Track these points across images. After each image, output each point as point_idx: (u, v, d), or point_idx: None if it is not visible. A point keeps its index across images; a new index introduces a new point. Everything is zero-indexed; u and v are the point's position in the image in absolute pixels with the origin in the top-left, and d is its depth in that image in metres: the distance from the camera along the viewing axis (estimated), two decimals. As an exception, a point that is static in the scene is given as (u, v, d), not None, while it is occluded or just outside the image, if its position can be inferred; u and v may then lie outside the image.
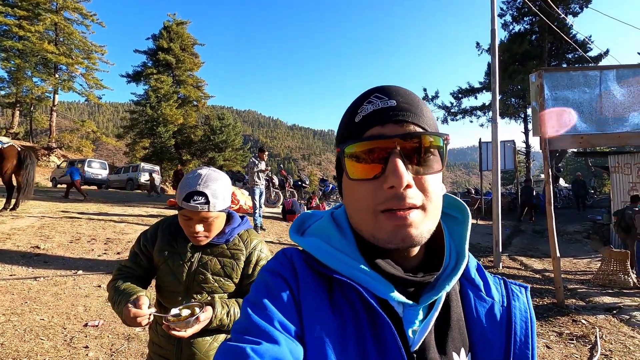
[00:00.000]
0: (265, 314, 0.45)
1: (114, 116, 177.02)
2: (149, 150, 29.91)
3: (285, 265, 0.50)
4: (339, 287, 0.48)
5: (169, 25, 30.95)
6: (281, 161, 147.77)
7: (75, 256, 4.94)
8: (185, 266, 1.25)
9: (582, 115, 5.01)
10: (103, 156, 49.22)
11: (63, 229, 6.04)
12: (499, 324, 0.51)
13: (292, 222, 8.69)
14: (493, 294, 0.53)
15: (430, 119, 0.49)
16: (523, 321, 0.51)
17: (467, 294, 0.53)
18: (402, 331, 0.46)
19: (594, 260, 7.95)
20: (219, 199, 1.21)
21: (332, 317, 0.46)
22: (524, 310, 0.53)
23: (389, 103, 0.47)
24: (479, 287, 0.54)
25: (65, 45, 27.91)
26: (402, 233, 0.44)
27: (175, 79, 31.01)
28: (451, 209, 0.57)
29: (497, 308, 0.52)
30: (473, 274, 0.54)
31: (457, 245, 0.54)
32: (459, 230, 0.55)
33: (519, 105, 17.45)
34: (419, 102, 0.49)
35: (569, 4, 15.16)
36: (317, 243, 0.51)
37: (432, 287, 0.49)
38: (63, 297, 3.69)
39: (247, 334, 0.43)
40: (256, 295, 0.48)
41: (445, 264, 0.51)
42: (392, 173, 0.43)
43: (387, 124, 0.46)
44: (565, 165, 39.23)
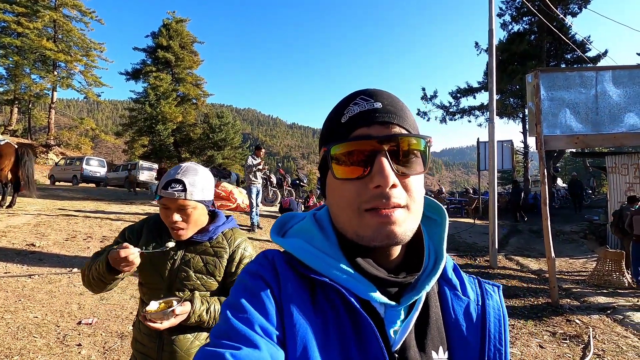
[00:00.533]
0: (245, 318, 0.44)
1: (113, 114, 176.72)
2: (147, 148, 29.84)
3: (266, 267, 0.50)
4: (321, 288, 0.48)
5: (169, 23, 30.85)
6: (280, 160, 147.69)
7: (71, 254, 4.94)
8: (168, 263, 1.26)
9: (578, 115, 5.03)
10: (102, 154, 49.18)
11: (59, 227, 6.03)
12: (474, 322, 0.52)
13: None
14: (469, 293, 0.55)
15: (413, 122, 0.51)
16: (496, 319, 0.53)
17: (445, 294, 0.54)
18: (383, 331, 0.47)
19: (590, 260, 7.97)
20: (197, 188, 1.22)
21: (315, 319, 0.46)
22: (497, 308, 0.54)
23: (374, 105, 0.48)
24: (455, 286, 0.55)
25: (64, 43, 27.81)
26: (387, 230, 0.45)
27: (174, 76, 30.94)
28: (430, 211, 0.58)
29: (472, 307, 0.53)
30: (450, 274, 0.56)
31: (436, 247, 0.55)
32: (437, 232, 0.56)
33: (517, 105, 17.45)
34: (402, 105, 0.51)
35: (567, 5, 15.15)
36: (299, 244, 0.52)
37: (413, 288, 0.50)
38: (57, 295, 3.69)
39: (226, 338, 0.42)
40: (236, 297, 0.47)
41: (425, 265, 0.52)
42: (378, 173, 0.44)
43: (373, 125, 0.47)
44: (564, 165, 39.27)
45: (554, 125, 5.06)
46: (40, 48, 25.28)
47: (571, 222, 11.95)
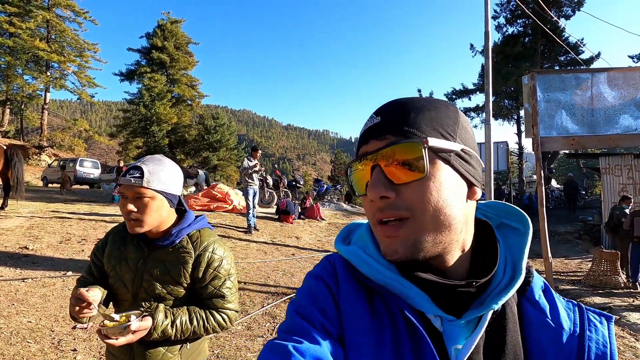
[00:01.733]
0: (307, 316, 0.47)
1: (106, 115, 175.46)
2: (142, 150, 29.62)
3: (328, 271, 0.53)
4: (379, 295, 0.49)
5: (163, 23, 30.70)
6: (276, 161, 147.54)
7: (65, 257, 4.87)
8: (131, 272, 1.20)
9: (573, 117, 5.06)
10: (95, 155, 48.76)
11: (53, 229, 5.95)
12: (565, 353, 0.46)
13: (285, 222, 8.59)
14: (562, 320, 0.48)
15: (423, 123, 0.46)
16: (598, 355, 0.46)
17: (529, 317, 0.48)
18: (442, 347, 0.44)
19: (585, 260, 8.04)
20: (156, 177, 1.14)
21: (371, 323, 0.46)
22: (602, 344, 0.47)
23: (374, 121, 0.48)
24: (543, 310, 0.48)
25: (57, 43, 27.55)
26: (394, 245, 0.45)
27: (169, 77, 30.78)
28: (509, 218, 0.54)
29: (565, 337, 0.47)
30: (537, 296, 0.50)
31: (514, 259, 0.50)
32: (517, 243, 0.51)
33: (512, 107, 17.60)
34: (407, 109, 0.47)
35: (561, 7, 15.33)
36: (354, 251, 0.53)
37: (480, 304, 0.46)
38: (52, 299, 3.63)
39: (290, 333, 0.45)
40: (300, 298, 0.51)
41: (498, 279, 0.47)
42: (369, 188, 0.45)
43: (370, 140, 0.48)
44: (558, 166, 39.67)
45: (550, 126, 5.08)
46: (32, 48, 25.01)
47: (566, 222, 12.05)
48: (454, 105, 0.52)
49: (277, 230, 8.07)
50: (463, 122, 0.50)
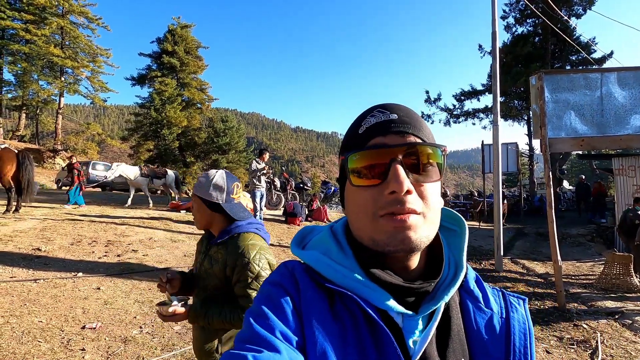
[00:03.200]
0: (267, 324, 0.46)
1: (119, 119, 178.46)
2: (153, 153, 30.06)
3: (287, 277, 0.52)
4: (340, 297, 0.49)
5: (174, 28, 31.16)
6: (284, 163, 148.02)
7: (76, 258, 4.98)
8: (199, 263, 1.46)
9: (583, 117, 4.98)
10: (108, 158, 49.62)
11: (65, 231, 6.09)
12: (498, 335, 0.52)
13: (292, 224, 8.62)
14: (492, 305, 0.54)
15: (429, 134, 0.53)
16: (522, 332, 0.52)
17: (467, 306, 0.54)
18: (402, 341, 0.47)
19: (597, 263, 7.86)
20: (197, 184, 1.46)
21: (333, 327, 0.47)
22: (523, 321, 0.54)
23: (390, 116, 0.50)
24: (478, 298, 0.55)
25: (71, 49, 28.20)
26: (402, 235, 0.46)
27: (179, 81, 31.19)
28: (449, 221, 0.60)
29: (496, 319, 0.53)
30: (472, 286, 0.55)
31: (456, 257, 0.55)
32: (457, 242, 0.57)
33: (522, 108, 17.37)
34: (418, 117, 0.53)
35: (572, 6, 15.08)
36: (316, 256, 0.53)
37: (432, 298, 0.50)
38: (62, 300, 3.72)
39: (249, 343, 0.44)
40: (258, 305, 0.49)
41: (444, 275, 0.52)
42: (393, 179, 0.46)
43: (389, 134, 0.49)
44: (570, 167, 38.89)
45: (558, 127, 5.01)
46: (47, 54, 25.64)
47: (578, 224, 11.82)
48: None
49: (284, 232, 8.11)
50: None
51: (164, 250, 5.75)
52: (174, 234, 6.77)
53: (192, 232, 7.14)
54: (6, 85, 27.38)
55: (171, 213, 9.16)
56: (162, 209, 10.12)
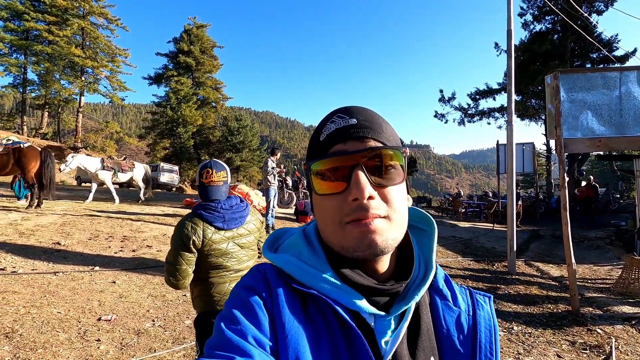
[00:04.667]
0: (238, 329, 0.45)
1: (136, 117, 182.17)
2: (169, 151, 30.67)
3: (259, 280, 0.52)
4: (312, 301, 0.50)
5: (190, 28, 31.67)
6: (298, 162, 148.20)
7: (93, 253, 5.15)
8: None
9: (600, 117, 4.85)
10: (126, 156, 50.80)
11: (83, 227, 6.29)
12: (465, 332, 0.53)
13: (303, 222, 8.70)
14: (460, 303, 0.56)
15: (391, 135, 0.52)
16: (487, 329, 0.54)
17: (436, 304, 0.55)
18: (374, 342, 0.48)
19: (615, 267, 7.64)
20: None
21: (306, 330, 0.47)
22: (488, 318, 0.55)
23: (350, 121, 0.50)
24: (446, 297, 0.56)
25: (91, 49, 29.01)
26: (368, 239, 0.46)
27: (194, 80, 31.70)
28: (419, 221, 0.61)
29: (463, 317, 0.54)
30: (441, 285, 0.56)
31: (426, 257, 0.56)
32: (427, 242, 0.57)
33: (539, 107, 16.95)
34: (379, 119, 0.52)
35: (593, 3, 14.62)
36: (288, 259, 0.53)
37: (403, 298, 0.51)
38: (79, 292, 3.86)
39: (220, 349, 0.43)
40: (229, 309, 0.48)
41: (415, 275, 0.53)
42: (354, 186, 0.46)
43: (349, 140, 0.49)
44: (590, 169, 37.76)
45: (574, 127, 4.90)
46: (69, 55, 26.46)
47: (596, 227, 11.49)
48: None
49: (295, 230, 8.15)
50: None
51: (177, 247, 5.89)
52: (187, 231, 6.92)
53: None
54: (30, 84, 28.40)
55: (185, 210, 9.34)
56: (177, 206, 10.33)
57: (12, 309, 3.31)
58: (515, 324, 4.13)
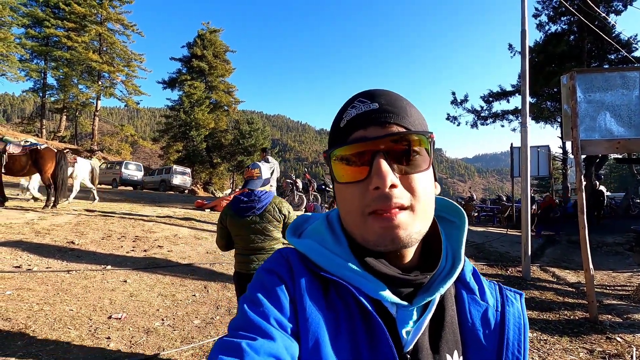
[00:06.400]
0: (261, 311, 0.46)
1: (150, 121, 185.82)
2: (182, 153, 31.14)
3: (282, 264, 0.52)
4: (334, 287, 0.49)
5: (203, 33, 32.21)
6: (309, 165, 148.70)
7: (106, 252, 5.23)
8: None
9: (619, 118, 4.70)
10: (140, 158, 51.78)
11: (97, 226, 6.41)
12: (492, 328, 0.51)
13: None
14: (487, 298, 0.54)
15: (417, 119, 0.49)
16: (516, 327, 0.52)
17: (462, 298, 0.53)
18: (395, 331, 0.47)
19: (635, 274, 7.38)
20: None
21: (327, 315, 0.47)
22: (518, 316, 0.53)
23: (371, 106, 0.48)
24: (473, 291, 0.54)
25: (107, 54, 29.79)
26: (391, 235, 0.45)
27: (207, 84, 32.17)
28: (449, 212, 0.58)
29: (491, 312, 0.53)
30: (468, 278, 0.55)
31: (454, 249, 0.54)
32: (456, 234, 0.55)
33: (554, 109, 16.59)
34: (402, 102, 0.49)
35: (610, 2, 14.27)
36: (311, 244, 0.53)
37: (427, 289, 0.49)
38: (91, 290, 3.91)
39: (243, 330, 0.44)
40: (253, 292, 0.49)
41: (441, 267, 0.51)
42: (376, 174, 0.44)
43: (370, 126, 0.47)
44: (609, 172, 36.74)
45: (592, 128, 4.76)
46: (87, 60, 27.19)
47: (615, 232, 11.13)
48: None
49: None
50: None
51: (187, 247, 5.94)
52: (197, 232, 6.97)
53: (214, 230, 7.28)
54: (49, 89, 29.29)
55: (196, 212, 9.43)
56: (188, 207, 10.44)
57: (26, 306, 3.37)
58: (530, 330, 4.01)
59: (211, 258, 5.58)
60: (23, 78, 27.23)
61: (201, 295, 4.18)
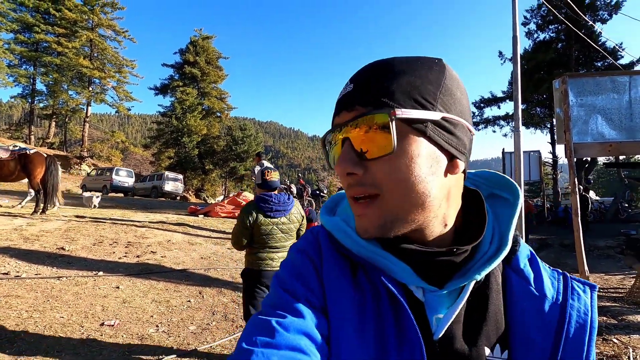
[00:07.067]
0: (291, 290, 0.46)
1: (142, 127, 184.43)
2: (173, 160, 30.88)
3: (312, 243, 0.51)
4: (362, 267, 0.48)
5: (195, 40, 32.20)
6: (302, 171, 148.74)
7: (97, 258, 5.10)
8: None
9: (610, 122, 4.79)
10: (131, 165, 51.14)
11: (87, 232, 6.27)
12: (547, 322, 0.45)
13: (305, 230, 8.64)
14: (545, 288, 0.47)
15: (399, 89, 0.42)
16: (579, 324, 0.45)
17: (512, 286, 0.48)
18: (424, 317, 0.44)
19: (627, 276, 7.47)
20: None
21: (353, 296, 0.45)
22: (584, 312, 0.46)
23: (347, 89, 0.45)
24: (527, 279, 0.48)
25: (98, 60, 29.54)
26: (362, 224, 0.44)
27: (200, 91, 32.08)
28: (500, 188, 0.53)
29: (547, 305, 0.46)
30: (523, 265, 0.49)
31: (502, 231, 0.48)
32: (506, 213, 0.50)
33: (544, 115, 16.91)
34: (382, 75, 0.43)
35: (596, 11, 14.67)
36: (337, 223, 0.51)
37: (464, 274, 0.45)
38: (83, 297, 3.80)
39: (275, 307, 0.45)
40: (284, 271, 0.49)
41: (484, 250, 0.46)
42: (337, 163, 0.43)
43: (341, 112, 0.44)
44: (597, 178, 37.44)
45: (584, 132, 4.84)
46: (77, 66, 26.93)
47: (606, 236, 11.30)
48: (441, 64, 0.46)
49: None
50: (448, 85, 0.44)
51: (181, 253, 5.84)
52: (191, 237, 6.87)
53: (208, 235, 7.22)
54: (38, 95, 28.87)
55: (190, 217, 9.31)
56: (181, 213, 10.31)
57: (14, 313, 3.26)
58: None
59: (205, 263, 5.49)
60: (11, 84, 26.81)
61: (196, 301, 4.09)
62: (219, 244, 6.67)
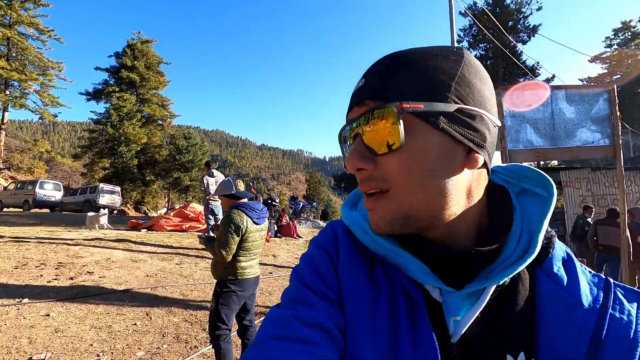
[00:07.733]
0: (308, 283, 0.46)
1: (70, 135, 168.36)
2: (109, 171, 28.45)
3: (330, 237, 0.51)
4: (380, 264, 0.47)
5: (134, 43, 30.31)
6: (250, 181, 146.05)
7: (21, 283, 4.47)
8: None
9: (538, 131, 5.36)
10: (58, 177, 46.16)
11: (7, 254, 5.48)
12: (580, 332, 0.40)
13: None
14: (582, 294, 0.43)
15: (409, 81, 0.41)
16: (621, 341, 0.39)
17: (542, 290, 0.44)
18: (441, 318, 0.43)
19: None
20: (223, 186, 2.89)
21: (369, 293, 0.45)
22: (627, 325, 0.40)
23: (359, 84, 0.44)
24: (560, 283, 0.43)
25: (18, 61, 26.40)
26: (374, 218, 0.44)
27: (139, 97, 30.11)
28: (531, 183, 0.49)
29: (581, 314, 0.41)
30: (556, 268, 0.45)
31: (532, 231, 0.44)
32: (538, 212, 0.46)
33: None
34: (393, 67, 0.42)
35: (518, 33, 16.53)
36: (355, 217, 0.51)
37: (486, 275, 0.42)
38: (4, 330, 3.29)
39: (292, 301, 0.45)
40: (303, 265, 0.50)
41: (510, 252, 0.43)
42: (347, 158, 0.43)
43: (353, 108, 0.44)
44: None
45: (516, 140, 5.35)
46: (-10, 66, 23.80)
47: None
48: (460, 53, 0.44)
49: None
50: (466, 75, 0.42)
51: (123, 271, 5.33)
52: (134, 254, 6.32)
53: (154, 251, 6.70)
54: (-60, 98, 24.97)
55: (131, 232, 8.59)
56: (120, 228, 9.48)
57: None
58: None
59: (152, 281, 5.07)
60: None
61: (143, 324, 3.74)
62: (166, 260, 6.22)
